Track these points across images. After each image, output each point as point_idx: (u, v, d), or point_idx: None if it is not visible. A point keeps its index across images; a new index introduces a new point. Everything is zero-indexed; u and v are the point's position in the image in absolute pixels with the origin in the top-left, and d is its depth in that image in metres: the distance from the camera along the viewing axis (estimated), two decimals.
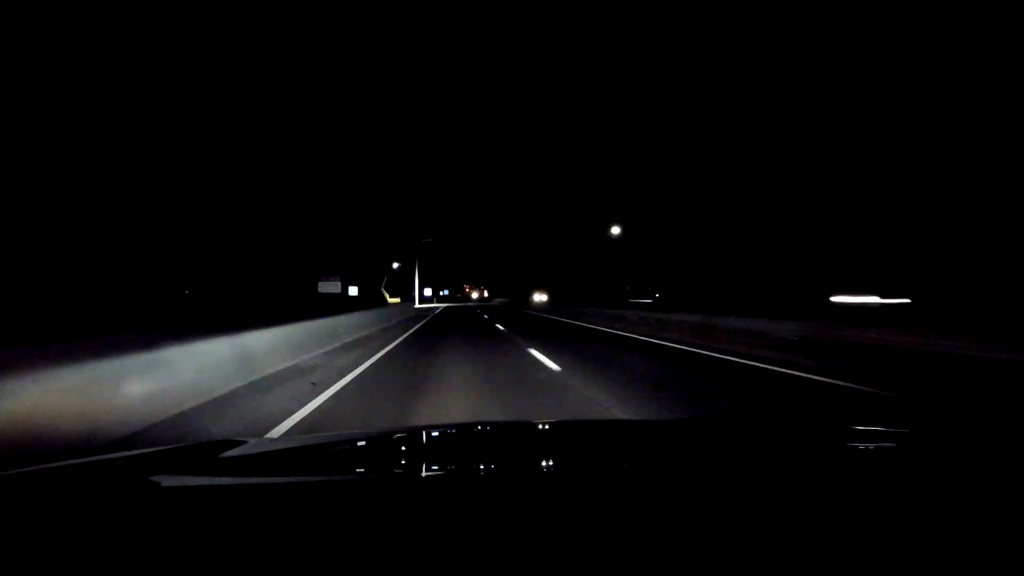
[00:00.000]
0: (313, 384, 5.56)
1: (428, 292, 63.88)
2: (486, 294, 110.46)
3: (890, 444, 1.13)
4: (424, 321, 18.77)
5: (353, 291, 35.04)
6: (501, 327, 14.89)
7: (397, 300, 41.89)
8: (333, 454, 1.19)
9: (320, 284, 29.32)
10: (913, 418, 4.07)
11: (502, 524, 0.64)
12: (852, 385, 5.22)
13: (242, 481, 0.90)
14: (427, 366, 6.94)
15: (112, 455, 1.10)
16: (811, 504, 0.71)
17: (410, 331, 13.62)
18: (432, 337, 11.83)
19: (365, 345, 9.70)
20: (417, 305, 41.21)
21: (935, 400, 4.59)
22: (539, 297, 50.44)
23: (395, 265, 52.04)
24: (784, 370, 6.30)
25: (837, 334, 6.92)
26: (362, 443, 1.30)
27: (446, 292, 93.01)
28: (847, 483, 0.80)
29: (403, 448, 1.24)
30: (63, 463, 0.95)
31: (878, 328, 6.72)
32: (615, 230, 36.89)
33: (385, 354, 8.44)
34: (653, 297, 38.10)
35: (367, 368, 6.85)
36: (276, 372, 6.15)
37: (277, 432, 3.70)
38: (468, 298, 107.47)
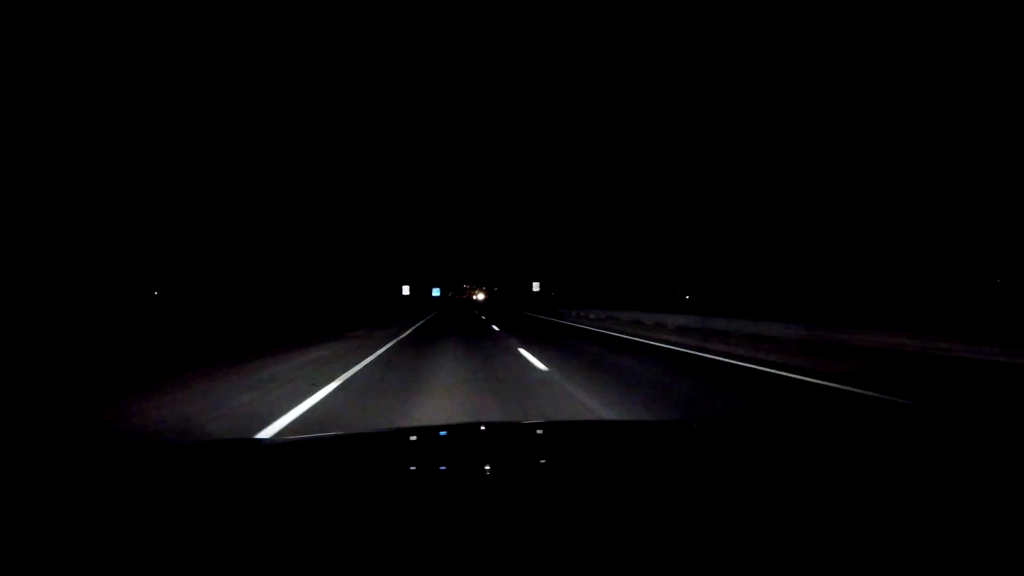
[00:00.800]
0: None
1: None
2: (478, 297, 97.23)
3: (887, 446, 1.13)
4: None
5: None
6: None
7: None
8: (322, 456, 1.16)
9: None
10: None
11: (499, 526, 0.64)
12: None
13: (233, 484, 0.88)
14: None
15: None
16: (808, 507, 0.71)
17: None
18: None
19: None
20: None
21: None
22: None
23: None
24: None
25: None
26: (356, 444, 1.29)
27: (437, 292, 61.38)
28: (844, 486, 0.80)
29: (398, 449, 1.23)
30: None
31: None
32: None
33: None
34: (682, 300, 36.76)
35: None
36: None
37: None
38: (470, 300, 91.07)
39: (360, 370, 6.60)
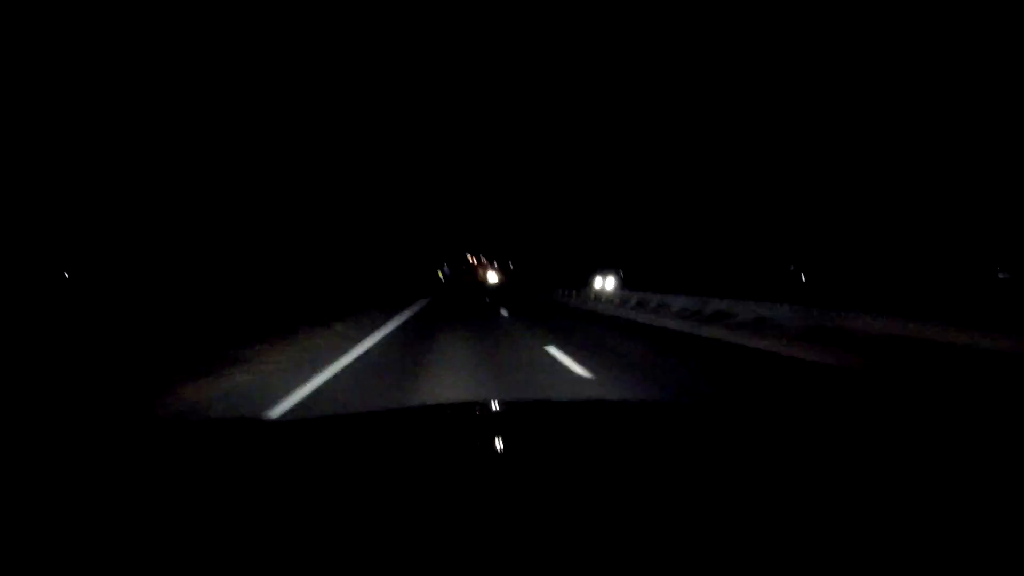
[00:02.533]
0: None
1: None
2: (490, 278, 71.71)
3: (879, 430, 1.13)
4: None
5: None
6: None
7: None
8: (325, 436, 1.15)
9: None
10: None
11: (501, 507, 0.63)
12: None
13: (235, 464, 0.89)
14: None
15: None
16: (803, 494, 0.69)
17: None
18: None
19: None
20: None
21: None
22: None
23: None
24: None
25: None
26: (360, 424, 1.28)
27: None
28: (840, 473, 0.78)
29: (400, 429, 1.22)
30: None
31: None
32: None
33: None
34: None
35: None
36: None
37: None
38: (477, 281, 68.78)
39: None
